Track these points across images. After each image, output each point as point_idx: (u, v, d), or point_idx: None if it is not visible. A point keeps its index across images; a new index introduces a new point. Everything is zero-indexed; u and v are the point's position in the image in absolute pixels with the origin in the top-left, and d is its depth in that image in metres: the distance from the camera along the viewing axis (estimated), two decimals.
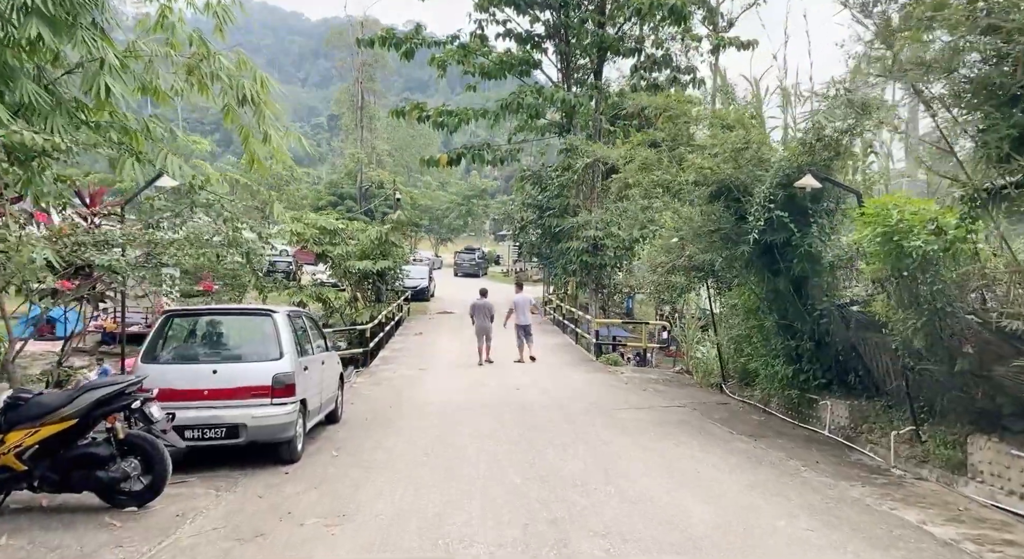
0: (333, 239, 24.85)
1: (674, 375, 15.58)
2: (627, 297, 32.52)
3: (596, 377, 14.43)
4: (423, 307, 30.30)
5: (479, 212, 55.31)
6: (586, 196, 26.15)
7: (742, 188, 9.67)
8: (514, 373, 14.78)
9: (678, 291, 14.47)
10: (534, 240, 31.99)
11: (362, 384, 13.55)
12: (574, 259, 25.28)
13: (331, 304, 24.32)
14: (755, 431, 9.41)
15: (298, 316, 8.69)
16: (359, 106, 45.23)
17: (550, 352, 18.29)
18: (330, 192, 48.28)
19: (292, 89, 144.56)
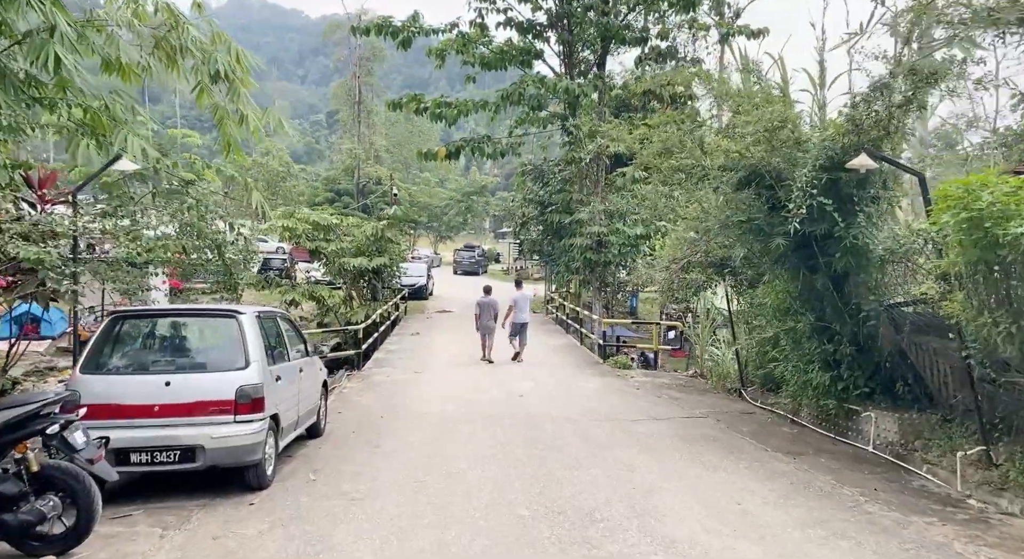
0: (327, 235, 23.73)
1: (687, 379, 14.43)
2: (631, 295, 31.44)
3: (605, 382, 13.27)
4: (421, 306, 29.13)
5: (479, 209, 54.04)
6: (590, 191, 24.97)
7: (775, 174, 8.52)
8: (516, 376, 13.64)
9: (693, 289, 13.31)
10: (535, 237, 30.82)
11: (352, 389, 12.41)
12: (577, 256, 24.12)
13: (325, 303, 23.25)
14: (791, 447, 8.25)
15: (271, 318, 7.51)
16: (356, 101, 43.99)
17: (554, 354, 17.15)
18: (327, 188, 47.05)
19: (292, 87, 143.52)
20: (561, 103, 25.05)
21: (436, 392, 11.93)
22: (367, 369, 15.08)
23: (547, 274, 31.74)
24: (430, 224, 57.48)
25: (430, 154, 25.33)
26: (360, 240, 24.02)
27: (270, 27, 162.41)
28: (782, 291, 9.80)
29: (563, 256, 26.29)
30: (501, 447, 7.77)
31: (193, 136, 30.09)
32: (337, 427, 9.12)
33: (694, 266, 12.97)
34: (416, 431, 8.74)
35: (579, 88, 22.72)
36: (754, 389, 12.52)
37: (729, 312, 13.13)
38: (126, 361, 6.44)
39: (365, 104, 46.14)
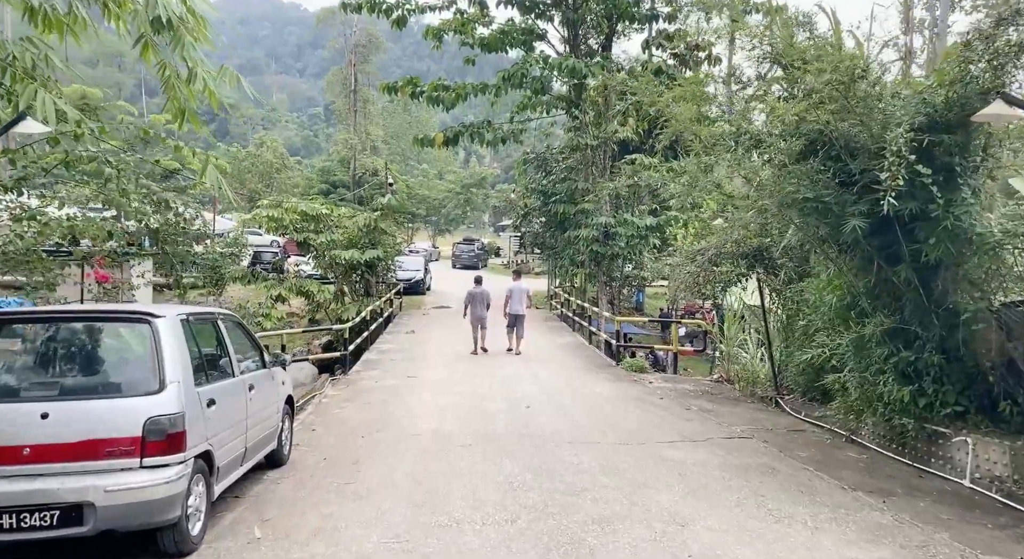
0: (317, 226, 21.98)
1: (711, 385, 12.69)
2: (637, 291, 29.70)
3: (621, 389, 11.54)
4: (418, 301, 27.39)
5: (478, 202, 52.19)
6: (596, 179, 23.21)
7: (844, 140, 6.79)
8: (520, 381, 11.92)
9: (723, 284, 11.56)
10: (538, 229, 29.06)
11: (335, 398, 10.67)
12: (582, 249, 22.41)
13: (315, 299, 21.52)
14: (872, 482, 6.52)
15: (206, 321, 5.73)
16: (352, 89, 42.13)
17: (560, 354, 15.40)
18: (322, 180, 45.26)
19: (290, 80, 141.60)
20: (566, 84, 23.23)
21: (430, 401, 10.20)
22: (355, 373, 13.34)
23: (550, 268, 29.99)
24: (428, 217, 55.74)
25: (427, 140, 23.50)
26: (352, 232, 22.28)
27: (269, 20, 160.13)
28: (842, 286, 8.05)
29: (567, 249, 24.55)
30: (509, 487, 6.02)
31: None
32: (306, 452, 7.39)
33: (724, 258, 11.25)
34: (403, 460, 7.00)
35: (586, 67, 20.91)
36: (793, 398, 10.81)
37: (763, 310, 11.38)
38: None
39: (361, 93, 44.27)
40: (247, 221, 22.22)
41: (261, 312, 19.82)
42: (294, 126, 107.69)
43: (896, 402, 7.22)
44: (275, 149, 49.73)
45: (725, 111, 8.76)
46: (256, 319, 19.59)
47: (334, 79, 46.04)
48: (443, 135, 23.50)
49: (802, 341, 10.13)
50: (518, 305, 15.20)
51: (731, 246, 10.90)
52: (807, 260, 10.47)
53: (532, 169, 26.31)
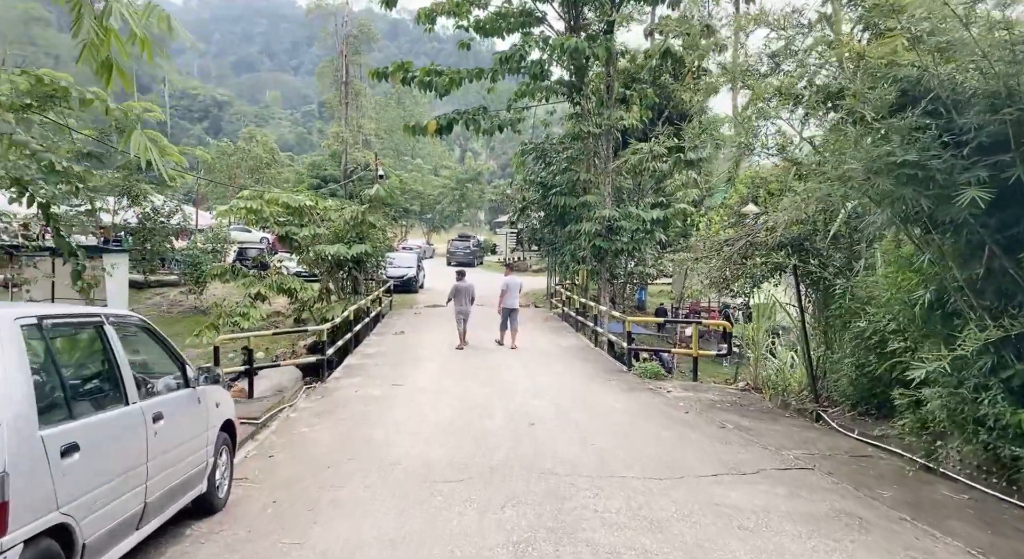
0: (300, 219, 20.25)
1: (738, 393, 11.02)
2: (639, 288, 28.05)
3: (639, 401, 9.87)
4: (410, 300, 25.68)
5: (474, 197, 50.37)
6: (599, 169, 21.56)
7: (949, 89, 5.16)
8: (522, 390, 10.24)
9: (753, 280, 9.89)
10: (536, 224, 27.38)
11: (306, 412, 8.97)
12: (584, 244, 20.76)
13: (298, 297, 19.79)
14: (1005, 544, 4.86)
15: (83, 327, 4.01)
16: (344, 81, 40.33)
17: (565, 357, 13.72)
18: (312, 174, 43.46)
19: (285, 77, 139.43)
20: (567, 67, 21.53)
21: (417, 416, 8.52)
22: (334, 380, 11.65)
23: (549, 265, 28.30)
24: (423, 215, 53.98)
25: (419, 128, 21.72)
26: (338, 225, 20.57)
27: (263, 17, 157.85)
28: (927, 279, 6.40)
29: (568, 244, 22.87)
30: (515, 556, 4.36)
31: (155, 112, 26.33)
32: (253, 491, 5.70)
33: (756, 249, 9.61)
34: (375, 507, 5.29)
35: (589, 48, 19.20)
36: (839, 412, 9.16)
37: (800, 309, 9.73)
38: None
39: (353, 86, 42.45)
40: (222, 214, 20.43)
41: (238, 311, 18.09)
42: (288, 123, 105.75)
43: (1010, 427, 5.58)
44: (265, 144, 47.89)
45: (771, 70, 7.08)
46: (233, 319, 17.89)
47: (325, 71, 44.13)
48: (436, 122, 21.73)
49: (856, 345, 8.52)
50: (512, 299, 14.72)
51: (765, 235, 9.27)
52: (854, 251, 8.85)
53: (531, 160, 24.61)
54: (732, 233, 10.03)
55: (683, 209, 21.47)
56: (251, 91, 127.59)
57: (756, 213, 9.48)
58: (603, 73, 21.18)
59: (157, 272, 27.53)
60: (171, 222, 26.98)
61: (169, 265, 27.92)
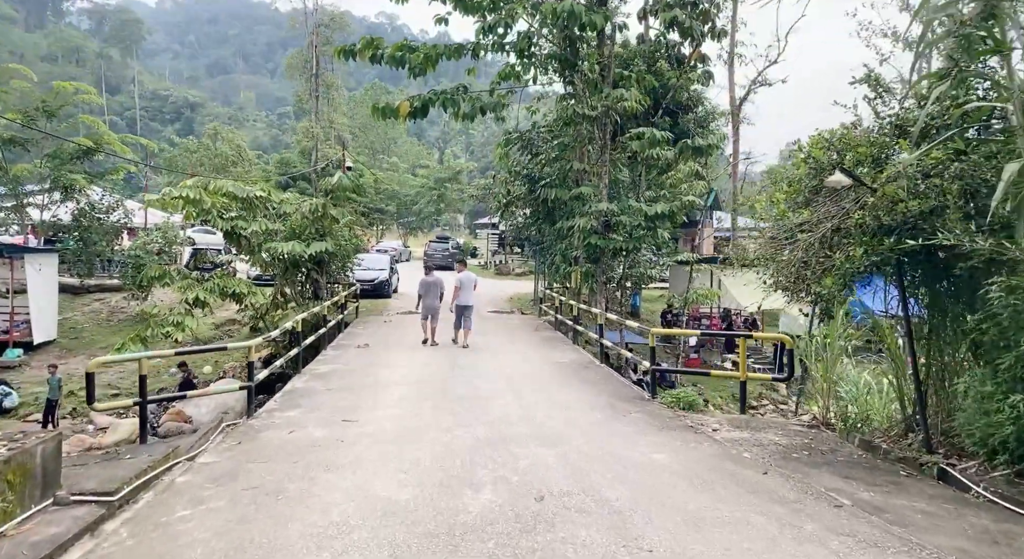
0: (251, 213, 17.10)
1: (805, 431, 8.14)
2: (633, 293, 25.21)
3: (686, 451, 6.92)
4: (381, 305, 22.56)
5: (453, 197, 47.13)
6: (594, 158, 18.70)
7: None
8: (518, 432, 7.28)
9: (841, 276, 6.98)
10: (521, 221, 24.45)
11: (201, 475, 5.92)
12: (578, 242, 17.92)
13: (248, 302, 16.64)
14: None
15: None
16: (313, 73, 37.08)
17: (569, 380, 10.72)
18: (280, 172, 40.11)
19: (260, 80, 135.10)
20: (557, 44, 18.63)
21: (363, 492, 5.53)
22: (267, 412, 8.57)
23: (536, 267, 25.38)
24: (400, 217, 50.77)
25: (390, 110, 18.64)
26: (296, 220, 17.46)
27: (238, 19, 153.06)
28: None
29: (559, 243, 20.00)
30: None
31: (91, 93, 23.02)
32: None
33: (846, 235, 6.76)
34: None
35: (586, 14, 16.31)
36: (977, 468, 6.30)
37: (907, 321, 6.87)
38: None
39: (324, 78, 39.18)
40: (151, 203, 17.18)
41: (171, 320, 14.89)
42: (262, 125, 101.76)
43: None
44: (231, 141, 44.47)
45: None
46: (165, 330, 14.69)
47: (294, 62, 40.83)
48: (409, 103, 18.67)
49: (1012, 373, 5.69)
50: (467, 295, 14.07)
51: (861, 215, 6.43)
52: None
53: (516, 150, 21.69)
54: (808, 215, 7.15)
55: (691, 201, 18.71)
56: (225, 93, 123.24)
57: (846, 185, 6.64)
58: (596, 53, 18.36)
59: (96, 275, 24.09)
60: (111, 219, 23.62)
61: (108, 267, 24.49)
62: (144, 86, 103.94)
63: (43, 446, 4.84)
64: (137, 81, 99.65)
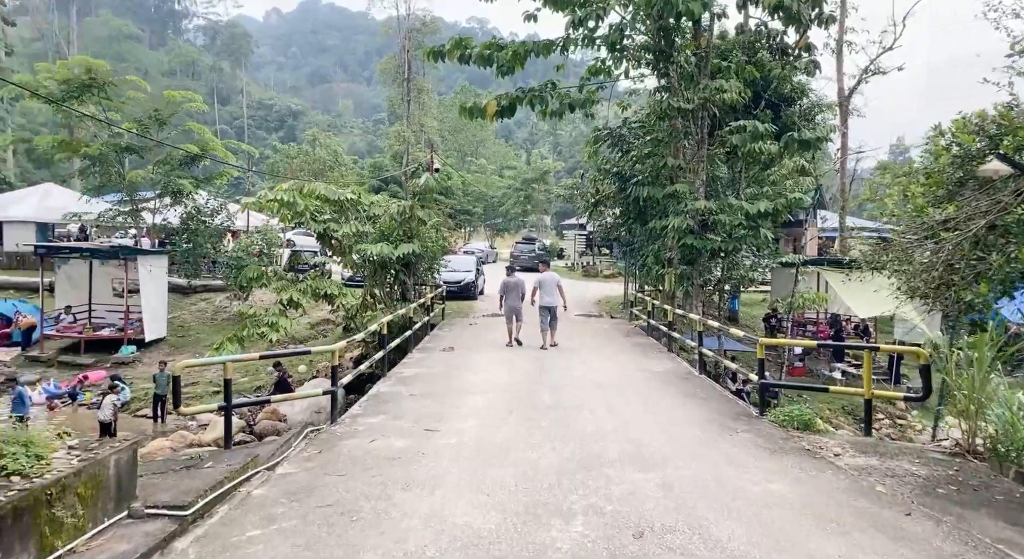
0: (342, 215, 17.22)
1: (946, 460, 7.00)
2: (731, 297, 23.79)
3: (807, 480, 6.03)
4: (467, 307, 22.34)
5: (540, 198, 46.64)
6: (691, 154, 17.64)
7: None
8: (615, 455, 6.62)
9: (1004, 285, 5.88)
10: (611, 221, 23.60)
11: (276, 488, 5.64)
12: (671, 243, 16.95)
13: (338, 303, 16.77)
14: None
15: None
16: (405, 78, 37.61)
17: (666, 392, 9.91)
18: (373, 175, 40.97)
19: (357, 88, 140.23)
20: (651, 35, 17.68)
21: (447, 505, 5.07)
22: (350, 418, 8.32)
23: (627, 269, 24.45)
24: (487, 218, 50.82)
25: (477, 109, 18.35)
26: (384, 222, 17.45)
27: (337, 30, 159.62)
28: None
29: (651, 244, 19.06)
30: None
31: (198, 101, 24.09)
32: None
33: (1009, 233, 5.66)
34: None
35: (683, 2, 15.33)
36: None
37: None
38: None
39: (415, 82, 39.68)
40: (247, 205, 17.57)
41: (266, 320, 15.14)
42: (359, 131, 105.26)
43: None
44: (328, 146, 45.90)
45: None
46: (260, 330, 14.96)
47: (387, 67, 41.60)
48: (496, 102, 18.28)
49: None
50: (549, 297, 13.67)
51: None
52: None
53: (605, 148, 20.90)
54: (954, 211, 6.08)
55: (797, 199, 17.31)
56: (325, 101, 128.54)
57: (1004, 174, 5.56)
58: (692, 44, 17.33)
59: (202, 276, 25.20)
60: (215, 222, 24.64)
61: (212, 268, 25.58)
62: (251, 96, 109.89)
63: (117, 456, 4.63)
64: (245, 92, 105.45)
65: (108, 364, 19.55)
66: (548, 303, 13.66)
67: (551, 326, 13.77)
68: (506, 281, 14.39)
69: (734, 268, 20.43)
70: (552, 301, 13.71)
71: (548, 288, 13.76)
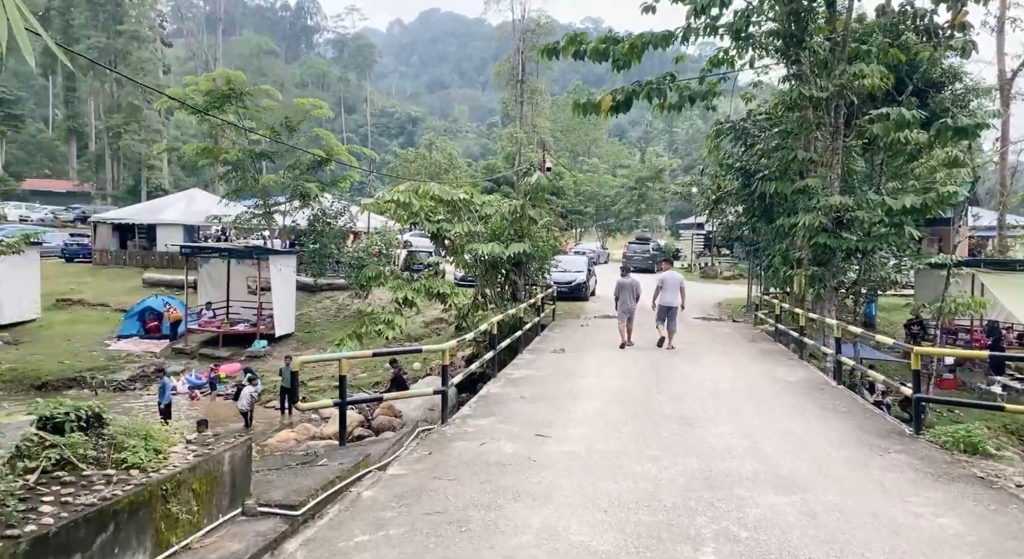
0: (452, 215, 17.32)
1: None
2: (868, 301, 21.76)
3: (982, 513, 5.08)
4: (577, 308, 21.89)
5: (655, 198, 45.19)
6: (824, 146, 16.21)
7: None
8: (745, 473, 5.96)
9: None
10: (732, 219, 22.31)
11: (385, 491, 5.49)
12: (801, 242, 15.63)
13: (450, 302, 16.89)
14: None
15: None
16: (519, 80, 37.72)
17: (800, 404, 8.98)
18: (486, 177, 41.46)
19: (473, 93, 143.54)
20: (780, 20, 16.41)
21: (560, 520, 4.70)
22: (460, 419, 8.14)
23: (750, 270, 23.03)
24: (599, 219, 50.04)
25: (591, 105, 17.79)
26: (496, 222, 17.38)
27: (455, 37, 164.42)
28: None
29: (777, 243, 17.74)
30: None
31: (324, 108, 25.23)
32: None
33: None
34: None
35: None
36: None
37: None
38: None
39: (529, 83, 39.71)
40: (367, 207, 18.03)
41: (383, 318, 15.47)
42: (473, 135, 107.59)
43: None
44: (443, 150, 47.01)
45: None
46: (377, 327, 15.30)
47: (501, 70, 41.97)
48: (611, 97, 17.66)
49: None
50: (670, 296, 13.45)
51: None
52: None
53: (727, 141, 19.71)
54: None
55: (951, 194, 15.46)
56: (442, 107, 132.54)
57: None
58: (827, 28, 15.91)
59: (327, 275, 26.40)
60: (338, 223, 25.73)
61: (336, 268, 26.74)
62: (374, 105, 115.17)
63: (232, 452, 4.61)
64: (369, 100, 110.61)
65: (242, 357, 20.85)
66: (668, 302, 13.45)
67: (669, 327, 13.48)
68: (620, 281, 14.33)
69: (872, 269, 18.63)
70: (672, 301, 13.46)
71: (671, 287, 13.54)
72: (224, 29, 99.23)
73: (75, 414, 3.95)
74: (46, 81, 70.51)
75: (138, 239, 32.67)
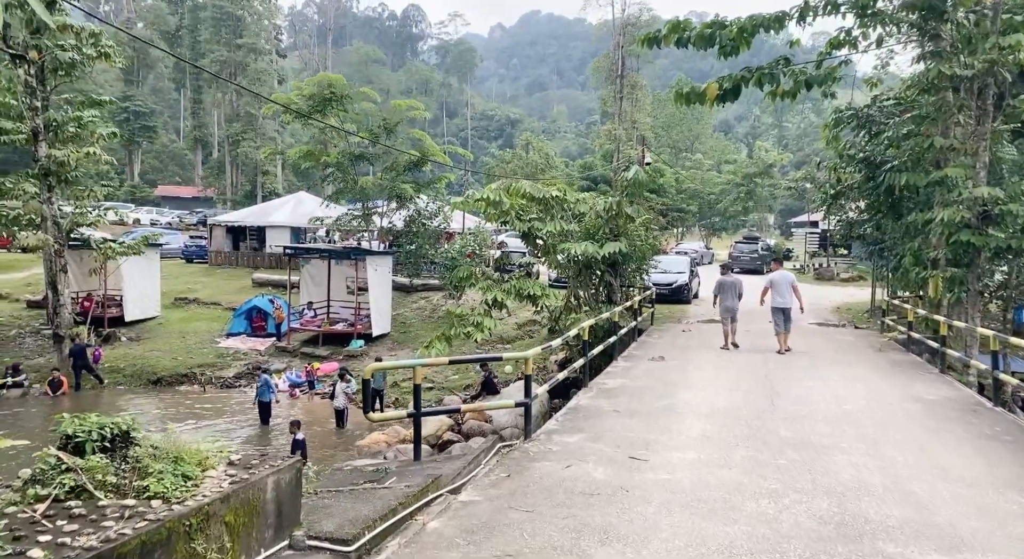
0: (544, 214, 16.56)
1: None
2: (1017, 307, 19.00)
3: None
4: (679, 311, 20.51)
5: (763, 195, 42.27)
6: (968, 132, 14.16)
7: None
8: (885, 521, 4.82)
9: None
10: (853, 216, 20.18)
11: (453, 523, 4.81)
12: (938, 240, 13.72)
13: (541, 304, 16.17)
14: None
15: None
16: (619, 74, 36.41)
17: (947, 429, 7.51)
18: (582, 175, 40.40)
19: (572, 93, 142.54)
20: None
21: None
22: (546, 435, 7.36)
23: (874, 271, 20.79)
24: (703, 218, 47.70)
25: (695, 94, 16.45)
26: (590, 221, 16.46)
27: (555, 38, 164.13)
28: None
29: (908, 241, 15.73)
30: None
31: (420, 109, 25.18)
32: None
33: None
34: None
35: None
36: None
37: None
38: None
39: (629, 78, 38.29)
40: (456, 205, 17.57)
41: (472, 320, 14.97)
42: (572, 135, 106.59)
43: None
44: (540, 149, 46.43)
45: None
46: (466, 329, 14.82)
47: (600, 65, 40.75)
48: (717, 84, 16.24)
49: None
50: (781, 297, 12.73)
51: None
52: None
53: (848, 131, 17.77)
54: None
55: None
56: (541, 109, 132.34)
57: None
58: None
59: (422, 275, 26.39)
60: (433, 224, 25.64)
61: (431, 268, 26.70)
62: (475, 108, 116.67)
63: (276, 477, 4.05)
64: (469, 104, 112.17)
65: (340, 356, 21.04)
66: (781, 304, 12.76)
67: (785, 329, 12.80)
68: (721, 280, 13.82)
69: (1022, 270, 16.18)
70: (785, 302, 12.76)
71: (781, 288, 12.82)
72: (334, 40, 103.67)
73: (99, 432, 3.48)
74: (177, 95, 76.26)
75: (249, 240, 34.19)
